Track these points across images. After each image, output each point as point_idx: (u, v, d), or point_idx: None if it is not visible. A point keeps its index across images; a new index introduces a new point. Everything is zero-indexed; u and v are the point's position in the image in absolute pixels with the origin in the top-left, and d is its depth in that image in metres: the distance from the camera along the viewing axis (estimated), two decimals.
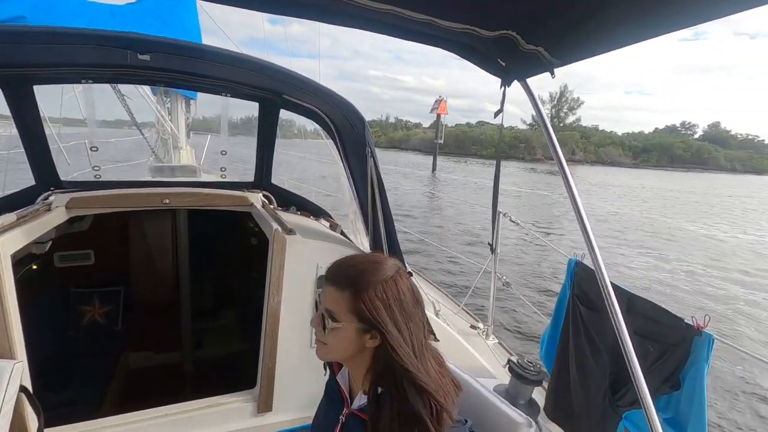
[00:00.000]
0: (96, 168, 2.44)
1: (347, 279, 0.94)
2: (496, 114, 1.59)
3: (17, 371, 1.26)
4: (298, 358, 1.83)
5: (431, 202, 20.91)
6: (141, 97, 4.85)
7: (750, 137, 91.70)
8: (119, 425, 1.56)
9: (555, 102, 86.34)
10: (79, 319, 2.91)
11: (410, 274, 1.07)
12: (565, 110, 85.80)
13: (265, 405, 1.76)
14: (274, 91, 2.33)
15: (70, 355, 2.58)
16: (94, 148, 2.43)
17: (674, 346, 1.36)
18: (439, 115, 43.75)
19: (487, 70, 1.41)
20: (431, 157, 42.53)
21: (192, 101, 5.71)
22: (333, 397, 1.11)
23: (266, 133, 2.62)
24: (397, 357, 0.90)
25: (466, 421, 0.95)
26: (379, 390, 0.94)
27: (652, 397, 1.14)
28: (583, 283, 1.78)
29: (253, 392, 1.80)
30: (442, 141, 44.98)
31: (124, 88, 4.77)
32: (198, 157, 6.09)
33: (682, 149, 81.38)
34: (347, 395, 1.07)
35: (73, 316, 2.90)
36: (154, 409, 1.64)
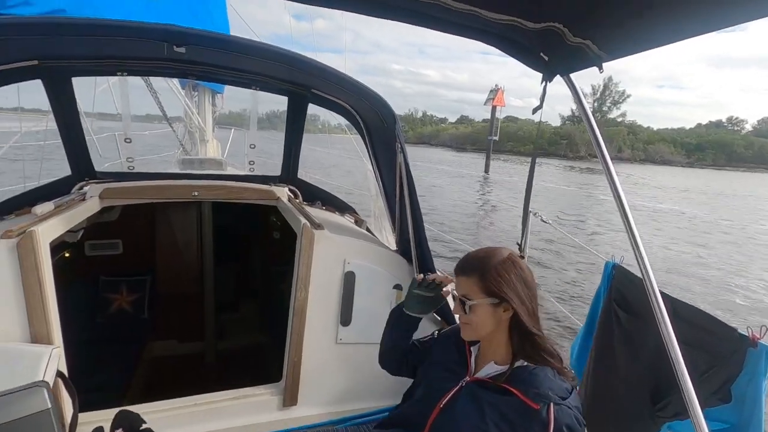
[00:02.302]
0: (130, 160, 2.48)
1: (472, 266, 1.16)
2: (535, 110, 1.53)
3: (55, 356, 1.29)
4: (324, 353, 1.81)
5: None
6: (170, 90, 4.95)
7: None
8: (149, 412, 1.57)
9: (598, 95, 77.96)
10: (107, 307, 2.97)
11: (522, 257, 1.28)
12: (608, 104, 78.87)
13: (290, 399, 1.75)
14: (303, 85, 2.32)
15: (99, 341, 2.64)
16: (128, 140, 2.46)
17: (726, 357, 1.28)
18: (494, 107, 37.19)
19: (527, 65, 1.35)
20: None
21: (218, 95, 5.80)
22: (456, 366, 1.27)
23: (294, 128, 2.61)
24: (523, 322, 1.10)
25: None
26: (516, 363, 1.12)
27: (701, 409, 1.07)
28: (622, 287, 1.70)
29: (278, 386, 1.79)
30: (497, 138, 37.22)
31: (155, 82, 4.87)
32: (222, 150, 6.17)
33: (743, 147, 72.71)
34: (472, 366, 1.22)
35: (102, 304, 2.96)
36: (182, 398, 1.66)
